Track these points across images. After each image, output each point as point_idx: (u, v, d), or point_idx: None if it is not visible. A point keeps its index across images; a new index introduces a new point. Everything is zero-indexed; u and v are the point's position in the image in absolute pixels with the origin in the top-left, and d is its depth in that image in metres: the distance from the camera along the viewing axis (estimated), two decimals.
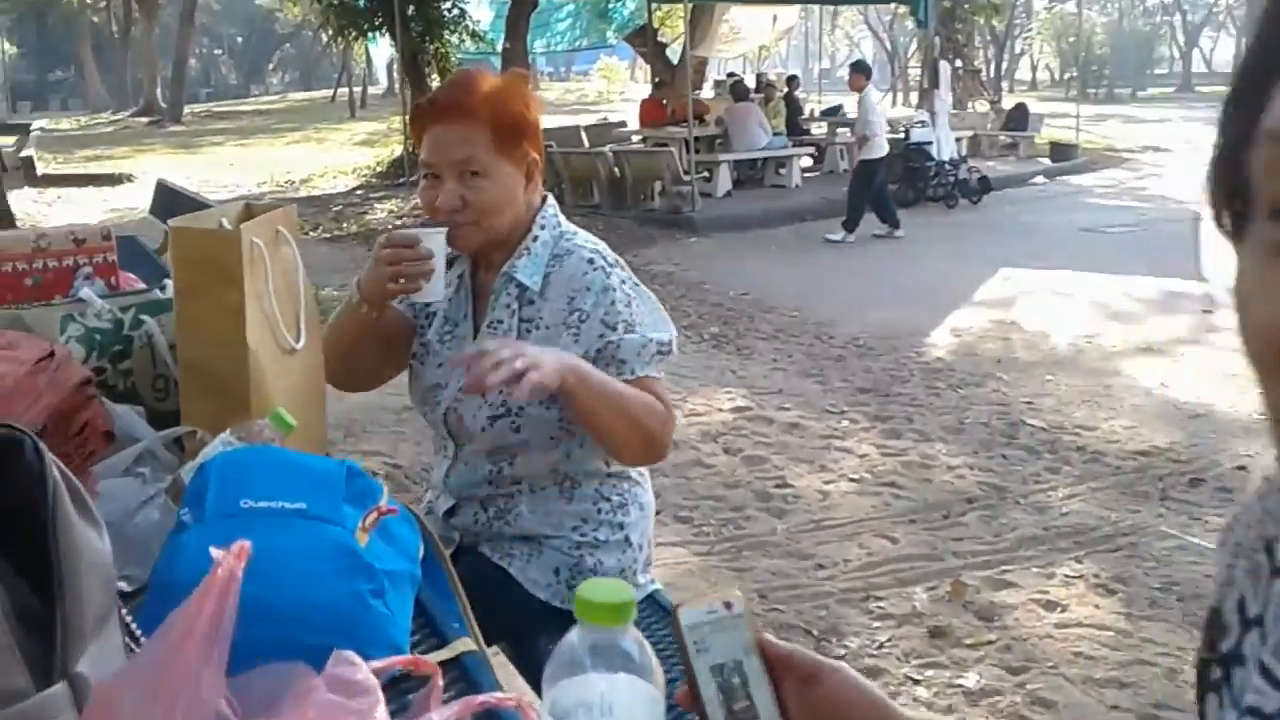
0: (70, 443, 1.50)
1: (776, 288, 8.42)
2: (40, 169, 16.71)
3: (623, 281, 1.74)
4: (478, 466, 1.83)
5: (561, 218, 1.84)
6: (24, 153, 17.53)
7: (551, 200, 1.85)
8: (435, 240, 1.67)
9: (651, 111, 14.35)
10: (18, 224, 11.27)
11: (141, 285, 1.88)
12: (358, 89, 31.47)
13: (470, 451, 1.84)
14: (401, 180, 14.76)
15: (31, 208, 13.21)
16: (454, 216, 1.72)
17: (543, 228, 1.80)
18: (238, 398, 1.53)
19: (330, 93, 36.37)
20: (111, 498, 1.40)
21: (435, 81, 15.72)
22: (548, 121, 16.26)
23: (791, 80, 16.14)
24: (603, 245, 1.81)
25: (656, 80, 15.76)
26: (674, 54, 17.11)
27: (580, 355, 1.68)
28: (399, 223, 11.72)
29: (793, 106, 14.92)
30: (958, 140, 13.51)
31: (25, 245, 1.73)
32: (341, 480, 1.16)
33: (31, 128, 25.37)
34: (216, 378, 1.53)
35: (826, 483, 4.55)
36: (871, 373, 6.15)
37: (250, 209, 1.75)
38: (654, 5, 16.21)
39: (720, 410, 5.44)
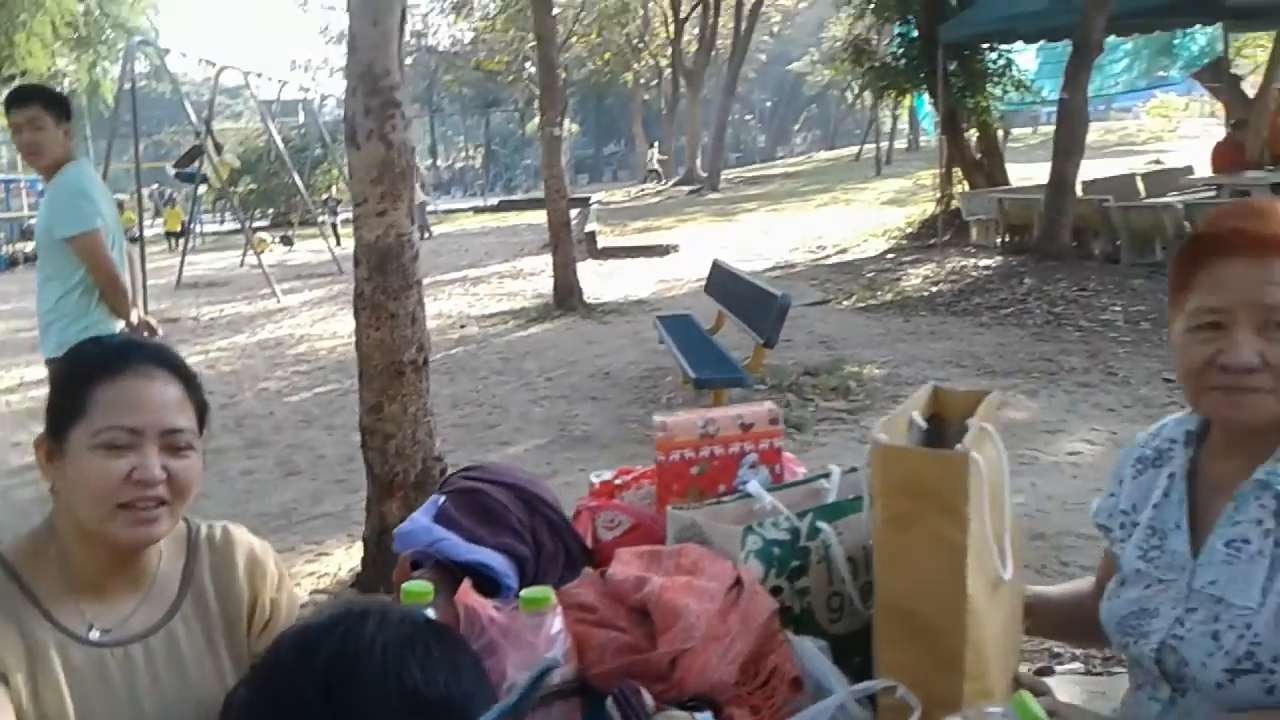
0: (759, 693, 1.29)
1: None
2: (601, 242, 18.46)
3: None
4: None
5: None
6: (588, 227, 19.51)
7: None
8: None
9: (1227, 155, 12.67)
10: (585, 298, 12.45)
11: (803, 469, 1.68)
12: (884, 145, 31.62)
13: (1194, 702, 1.40)
14: (934, 242, 14.38)
15: (593, 280, 14.52)
16: (1246, 379, 1.31)
17: None
18: (948, 653, 1.24)
19: (855, 150, 36.99)
20: None
21: (973, 136, 15.22)
22: (1089, 169, 15.07)
23: None
24: None
25: (1233, 121, 13.93)
26: (1251, 89, 15.11)
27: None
28: (935, 290, 11.33)
29: None
30: None
31: (693, 431, 1.59)
32: None
33: (591, 201, 28.35)
34: (923, 627, 1.25)
35: None
36: None
37: (939, 396, 1.47)
38: (1231, 35, 14.44)
39: None
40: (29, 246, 23.68)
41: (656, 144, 40.51)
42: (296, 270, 19.43)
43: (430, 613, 1.22)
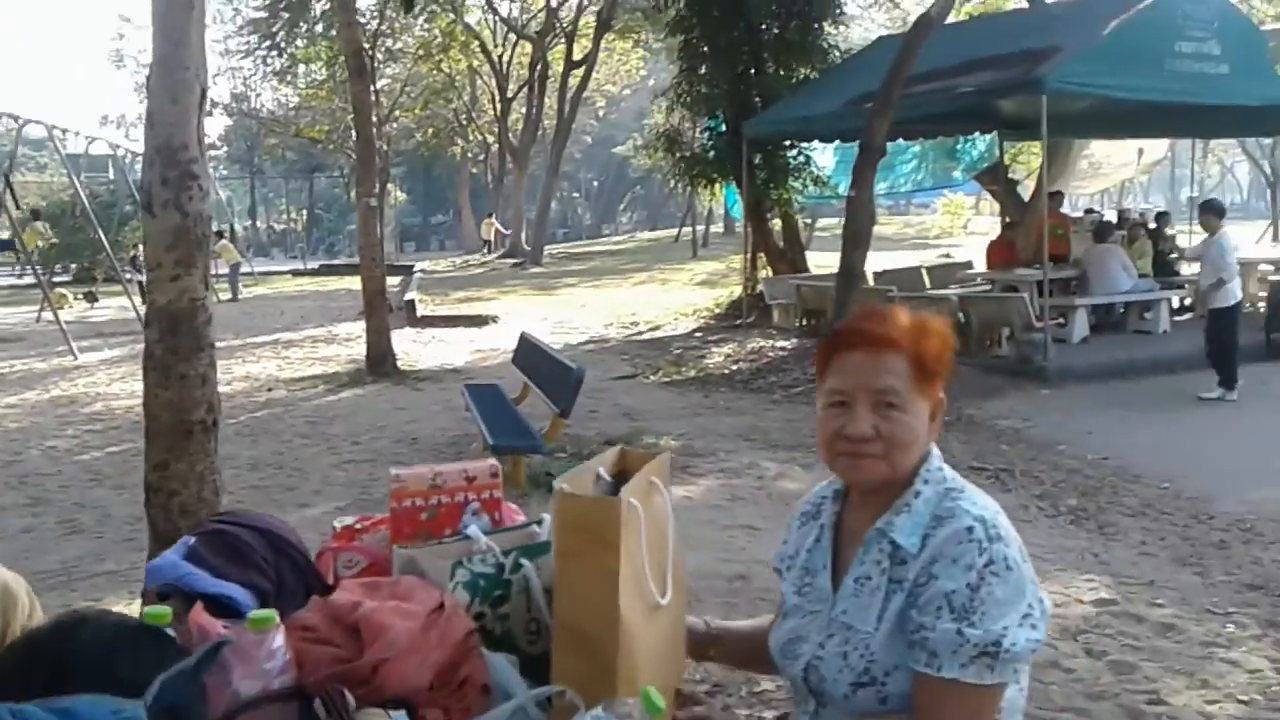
0: (451, 698, 1.55)
1: (1141, 452, 7.71)
2: (420, 310, 18.52)
3: (992, 562, 1.56)
4: None
5: (947, 470, 1.73)
6: (408, 295, 19.55)
7: (936, 452, 1.75)
8: None
9: (999, 253, 13.85)
10: (400, 364, 12.54)
11: (522, 517, 1.96)
12: (700, 228, 32.87)
13: (831, 714, 1.73)
14: (739, 323, 15.10)
15: (410, 347, 14.60)
16: (863, 446, 1.65)
17: (926, 482, 1.70)
18: (606, 662, 1.53)
19: (675, 232, 38.26)
20: None
21: (776, 225, 16.15)
22: (885, 261, 16.14)
23: (1161, 217, 15.18)
24: (991, 510, 1.64)
25: (1007, 221, 15.29)
26: (1026, 190, 16.62)
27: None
28: (735, 368, 11.93)
29: (1161, 244, 13.98)
30: None
31: (424, 483, 1.85)
32: None
33: (415, 269, 28.31)
34: (588, 640, 1.54)
35: (1209, 703, 3.99)
36: (1261, 565, 5.43)
37: (626, 455, 1.78)
38: (1006, 143, 15.91)
39: (1081, 602, 4.96)
40: None
41: (494, 214, 40.91)
42: (98, 327, 18.72)
43: (170, 632, 1.42)
